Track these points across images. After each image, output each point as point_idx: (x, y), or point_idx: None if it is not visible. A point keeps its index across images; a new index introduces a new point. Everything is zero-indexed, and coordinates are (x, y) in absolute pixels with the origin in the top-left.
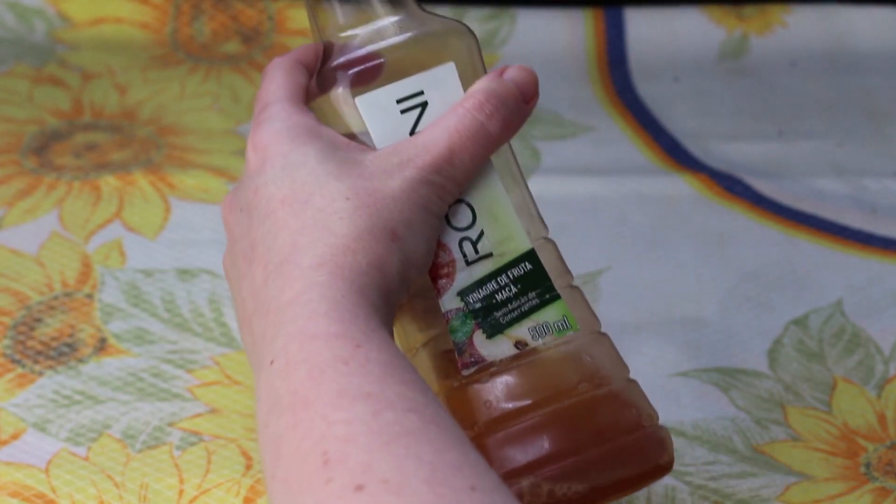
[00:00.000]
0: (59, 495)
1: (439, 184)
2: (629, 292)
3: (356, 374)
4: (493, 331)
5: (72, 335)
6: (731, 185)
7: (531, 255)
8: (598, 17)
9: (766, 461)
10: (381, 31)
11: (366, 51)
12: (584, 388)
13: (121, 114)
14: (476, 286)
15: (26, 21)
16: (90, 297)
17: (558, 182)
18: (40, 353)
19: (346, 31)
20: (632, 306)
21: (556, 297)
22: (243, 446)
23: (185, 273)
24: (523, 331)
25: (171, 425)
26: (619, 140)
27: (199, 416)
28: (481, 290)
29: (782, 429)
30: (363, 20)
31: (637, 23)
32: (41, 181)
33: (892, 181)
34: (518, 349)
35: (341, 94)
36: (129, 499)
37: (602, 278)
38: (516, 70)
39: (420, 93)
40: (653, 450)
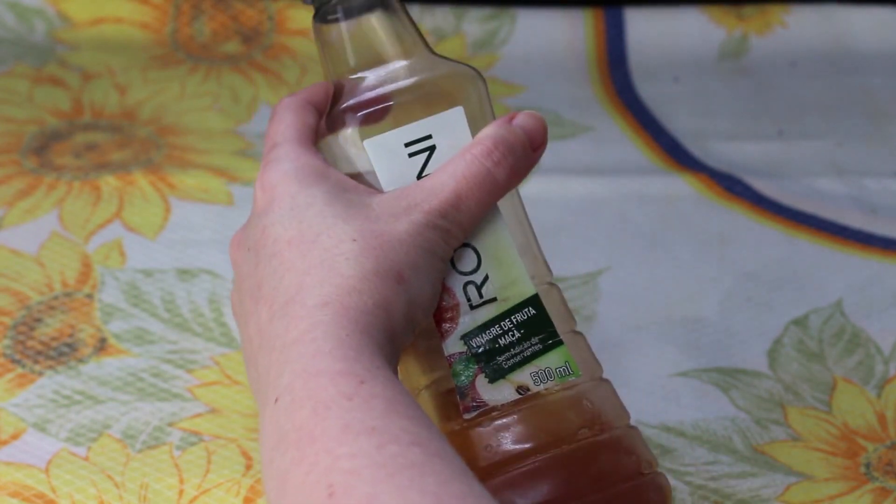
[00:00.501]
0: (59, 495)
1: (445, 228)
2: (629, 292)
3: (360, 410)
4: (496, 375)
5: (72, 335)
6: (731, 185)
7: (535, 301)
8: (598, 17)
9: (766, 461)
10: (392, 73)
11: (375, 93)
12: (584, 434)
13: (121, 114)
14: (479, 330)
15: (26, 21)
16: (90, 297)
17: (558, 182)
18: (40, 353)
19: (356, 72)
20: (632, 306)
21: (559, 342)
22: (243, 446)
23: (185, 273)
24: (525, 376)
25: (171, 425)
26: (619, 140)
27: (199, 416)
28: (485, 335)
29: (782, 429)
30: (374, 62)
31: (637, 23)
32: (41, 181)
33: (892, 181)
34: (520, 394)
35: (350, 136)
36: (129, 499)
37: (602, 278)
38: (525, 117)
39: (428, 136)
40: (651, 497)
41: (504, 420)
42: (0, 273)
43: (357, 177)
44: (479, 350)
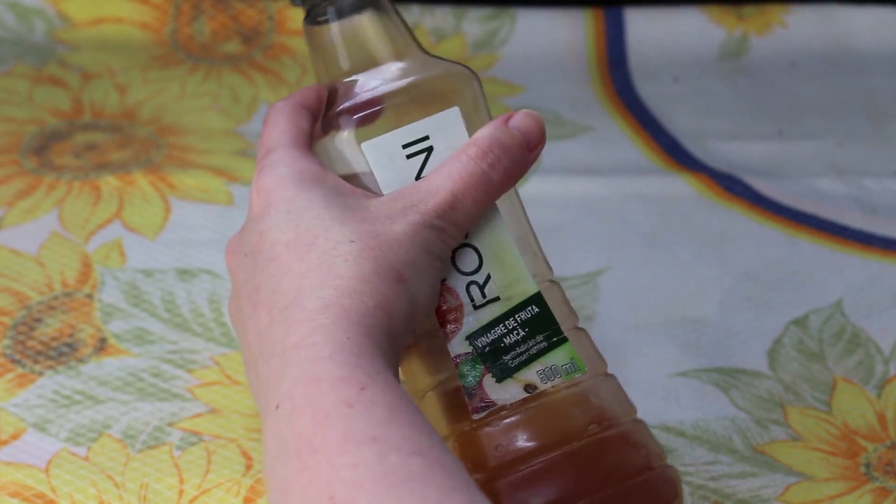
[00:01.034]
0: (59, 495)
1: (441, 228)
2: (629, 292)
3: (361, 418)
4: (503, 375)
5: (72, 335)
6: (731, 185)
7: (538, 299)
8: (598, 17)
9: (766, 461)
10: (386, 75)
11: (370, 95)
12: (592, 430)
13: (121, 114)
14: (484, 330)
15: (26, 21)
16: (90, 297)
17: (558, 182)
18: (40, 353)
19: (349, 74)
20: (632, 306)
21: (564, 339)
22: (243, 446)
23: (185, 273)
24: (532, 374)
25: (171, 425)
26: (619, 140)
27: (199, 416)
28: (490, 335)
29: (782, 429)
30: (367, 64)
31: (637, 23)
32: (41, 181)
33: (892, 181)
34: (528, 392)
35: (346, 139)
36: (129, 499)
37: (602, 278)
38: (521, 117)
39: (425, 138)
40: (662, 490)
41: (512, 419)
42: (0, 273)
43: (354, 179)
44: (485, 350)
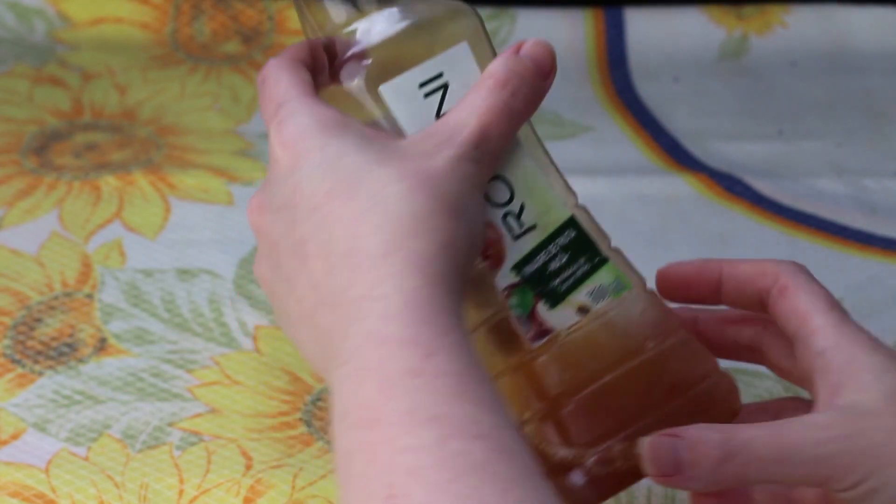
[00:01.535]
0: (59, 495)
1: (478, 159)
2: None
3: (426, 390)
4: (555, 300)
5: (72, 335)
6: (731, 185)
7: (573, 223)
8: (598, 17)
9: None
10: (388, 19)
11: (379, 39)
12: (651, 346)
13: (121, 114)
14: (528, 259)
15: (26, 21)
16: (90, 297)
17: None
18: (40, 353)
19: (349, 24)
20: None
21: (605, 259)
22: (243, 446)
23: (185, 273)
24: (582, 296)
25: (171, 425)
26: (619, 140)
27: (199, 416)
28: (534, 262)
29: None
30: (364, 13)
31: (637, 23)
32: (41, 181)
33: (892, 181)
34: (581, 315)
35: (359, 86)
36: (129, 499)
37: None
38: (532, 45)
39: (440, 75)
40: (725, 395)
41: (570, 343)
42: (0, 273)
43: (372, 126)
44: (533, 278)
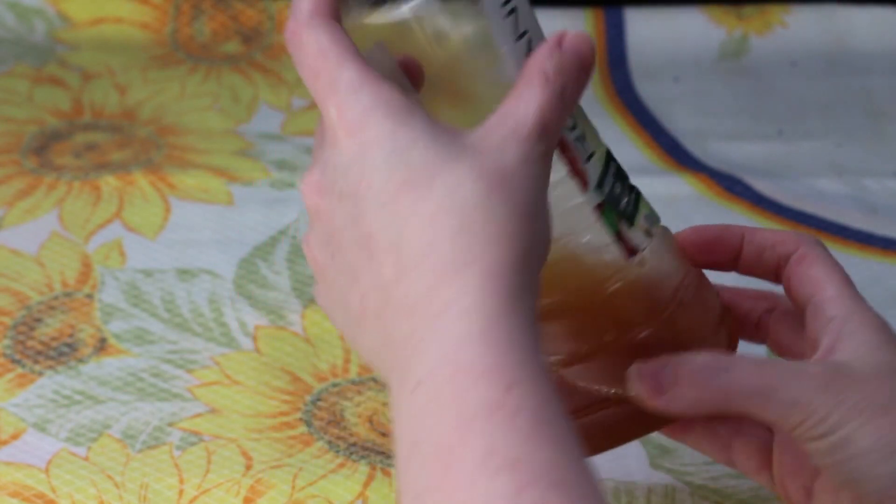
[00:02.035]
0: (59, 495)
1: (543, 155)
2: None
3: (504, 428)
4: (631, 220)
5: (72, 335)
6: (731, 185)
7: (611, 154)
8: (598, 17)
9: None
10: None
11: None
12: (687, 275)
13: (121, 114)
14: (602, 178)
15: (26, 21)
16: (90, 297)
17: None
18: (40, 353)
19: None
20: None
21: (639, 191)
22: (243, 446)
23: (185, 273)
24: (643, 220)
25: (171, 425)
26: (619, 140)
27: (199, 416)
28: (608, 182)
29: None
30: None
31: (637, 23)
32: (41, 181)
33: (892, 181)
34: (648, 238)
35: (431, 7)
36: (129, 499)
37: None
38: (573, 38)
39: None
40: (732, 325)
41: (656, 264)
42: (0, 273)
43: (452, 64)
44: (612, 197)
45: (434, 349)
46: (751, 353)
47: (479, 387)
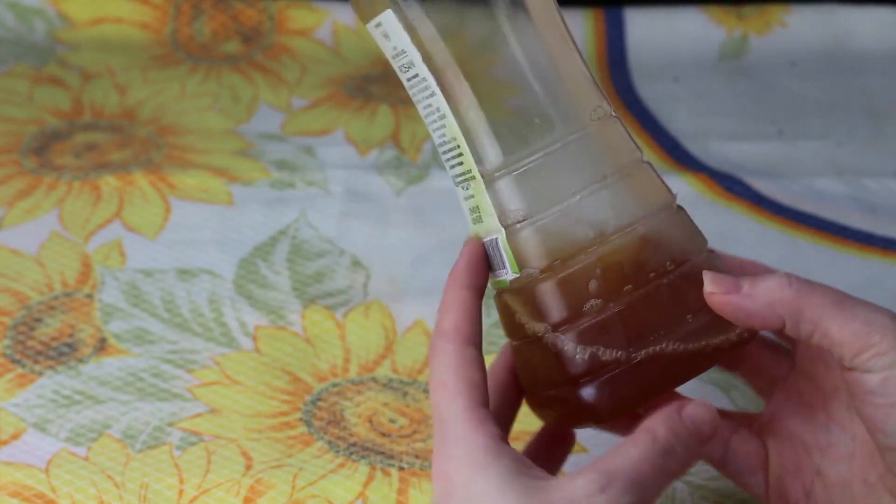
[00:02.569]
0: (59, 495)
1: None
2: None
3: None
4: None
5: (72, 335)
6: (731, 185)
7: None
8: (598, 17)
9: None
10: None
11: None
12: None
13: (121, 114)
14: None
15: (26, 21)
16: (90, 297)
17: None
18: (40, 353)
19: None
20: None
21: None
22: (243, 446)
23: (185, 273)
24: None
25: (171, 425)
26: None
27: (199, 416)
28: None
29: None
30: None
31: (637, 23)
32: (41, 181)
33: (892, 181)
34: None
35: None
36: (129, 499)
37: None
38: (695, 408)
39: None
40: None
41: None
42: (0, 273)
43: None
44: None
45: None
46: None
47: None
